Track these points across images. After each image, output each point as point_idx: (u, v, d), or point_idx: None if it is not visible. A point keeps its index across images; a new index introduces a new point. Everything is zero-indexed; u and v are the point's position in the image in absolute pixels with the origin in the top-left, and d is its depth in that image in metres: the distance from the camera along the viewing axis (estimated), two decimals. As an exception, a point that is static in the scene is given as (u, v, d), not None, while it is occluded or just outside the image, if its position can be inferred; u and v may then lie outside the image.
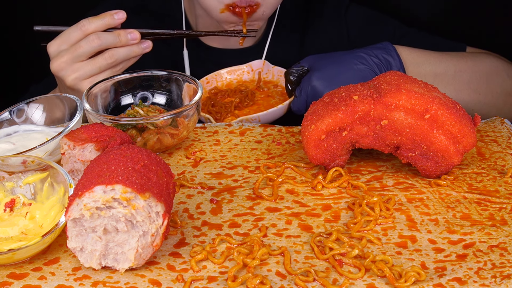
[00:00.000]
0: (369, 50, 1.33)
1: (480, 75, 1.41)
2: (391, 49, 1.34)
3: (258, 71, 1.53)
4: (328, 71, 1.30)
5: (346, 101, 1.06)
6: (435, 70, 1.39)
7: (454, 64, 1.40)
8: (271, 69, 1.52)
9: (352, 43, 1.65)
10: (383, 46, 1.34)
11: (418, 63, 1.37)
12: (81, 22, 1.29)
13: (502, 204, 1.02)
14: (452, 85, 1.38)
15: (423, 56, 1.39)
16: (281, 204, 1.04)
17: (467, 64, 1.42)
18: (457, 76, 1.40)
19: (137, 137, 1.17)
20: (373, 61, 1.31)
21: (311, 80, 1.30)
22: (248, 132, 1.27)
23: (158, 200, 0.87)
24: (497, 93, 1.43)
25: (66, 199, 0.96)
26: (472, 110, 1.39)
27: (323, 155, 1.08)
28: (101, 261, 0.90)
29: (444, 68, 1.39)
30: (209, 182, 1.11)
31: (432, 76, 1.38)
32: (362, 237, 0.95)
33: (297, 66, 1.35)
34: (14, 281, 0.89)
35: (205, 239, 0.97)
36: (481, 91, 1.41)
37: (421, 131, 1.03)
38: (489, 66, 1.44)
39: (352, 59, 1.31)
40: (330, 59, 1.33)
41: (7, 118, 1.23)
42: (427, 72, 1.38)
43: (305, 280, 0.87)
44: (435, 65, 1.39)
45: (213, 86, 1.51)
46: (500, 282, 0.85)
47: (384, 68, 1.32)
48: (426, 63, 1.38)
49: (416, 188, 1.06)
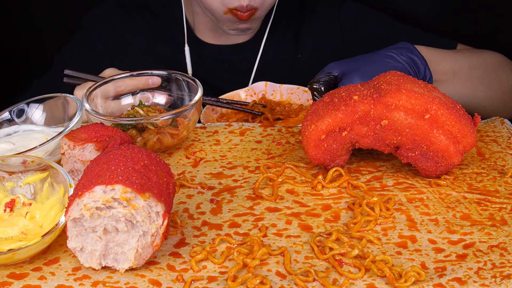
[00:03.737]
0: (393, 49, 1.28)
1: (490, 71, 1.42)
2: (413, 48, 1.30)
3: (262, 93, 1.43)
4: (367, 71, 1.23)
5: (346, 101, 1.06)
6: (453, 67, 1.38)
7: (468, 61, 1.41)
8: (278, 88, 1.42)
9: (345, 38, 1.65)
10: (404, 45, 1.30)
11: (437, 61, 1.36)
12: (118, 82, 1.29)
13: (502, 204, 1.02)
14: (469, 82, 1.39)
15: (439, 54, 1.38)
16: (281, 204, 1.04)
17: (478, 60, 1.42)
18: (472, 72, 1.40)
19: (137, 137, 1.17)
20: (402, 59, 1.27)
21: (354, 81, 1.22)
22: (248, 132, 1.27)
23: (158, 200, 0.87)
24: (505, 89, 1.44)
25: (66, 199, 0.96)
26: (485, 107, 1.40)
27: (323, 155, 1.08)
28: (101, 261, 0.90)
29: (460, 65, 1.39)
30: (209, 182, 1.11)
31: (451, 74, 1.37)
32: (362, 237, 0.95)
33: (322, 74, 1.26)
34: (14, 281, 0.89)
35: (205, 239, 0.97)
36: (492, 87, 1.42)
37: (421, 131, 1.03)
38: (495, 61, 1.45)
39: (383, 58, 1.26)
40: (360, 61, 1.27)
41: (7, 118, 1.23)
42: (447, 70, 1.37)
43: (305, 280, 0.87)
44: (452, 63, 1.39)
45: (219, 114, 1.42)
46: (500, 282, 0.85)
47: (413, 67, 1.27)
48: (444, 61, 1.38)
49: (416, 188, 1.06)
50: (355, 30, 1.65)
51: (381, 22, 1.64)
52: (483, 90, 1.40)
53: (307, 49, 1.67)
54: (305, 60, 1.66)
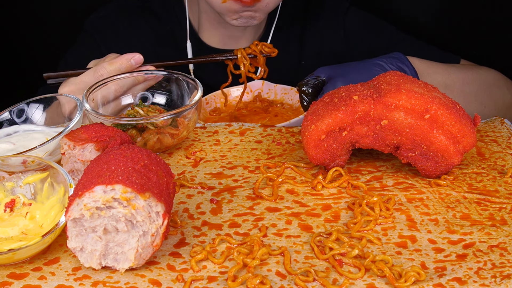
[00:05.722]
0: (384, 58, 1.31)
1: (484, 87, 1.42)
2: (404, 58, 1.32)
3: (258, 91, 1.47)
4: (351, 77, 1.25)
5: (346, 101, 1.06)
6: (446, 81, 1.39)
7: (462, 76, 1.41)
8: (273, 88, 1.46)
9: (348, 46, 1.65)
10: (396, 55, 1.32)
11: (429, 73, 1.38)
12: (98, 70, 1.26)
13: (502, 204, 1.02)
14: (461, 96, 1.39)
15: (432, 67, 1.39)
16: (281, 204, 1.04)
17: (473, 76, 1.43)
18: (465, 87, 1.41)
19: (137, 137, 1.17)
20: (390, 68, 1.29)
21: (337, 86, 1.23)
22: (248, 132, 1.27)
23: (158, 200, 0.87)
24: (499, 106, 1.44)
25: (66, 199, 0.96)
26: None
27: (323, 155, 1.08)
28: (101, 261, 0.90)
29: (453, 79, 1.40)
30: (209, 182, 1.11)
31: (443, 87, 1.38)
32: (362, 237, 0.95)
33: (311, 77, 1.29)
34: (14, 281, 0.89)
35: (205, 239, 0.97)
36: (485, 103, 1.42)
37: (421, 131, 1.03)
38: (491, 78, 1.45)
39: (371, 66, 1.28)
40: (348, 67, 1.30)
41: (7, 118, 1.23)
42: (439, 83, 1.38)
43: (305, 280, 0.87)
44: (445, 76, 1.40)
45: (212, 107, 1.46)
46: (500, 282, 0.85)
47: None
48: (437, 73, 1.39)
49: (416, 188, 1.06)
50: (359, 38, 1.65)
51: (385, 31, 1.64)
52: (476, 106, 1.40)
53: (311, 56, 1.66)
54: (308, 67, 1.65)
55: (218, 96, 1.47)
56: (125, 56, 1.29)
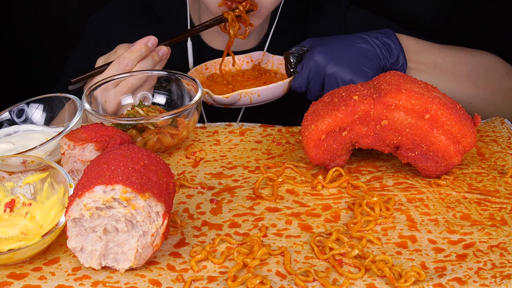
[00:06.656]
0: (370, 33, 1.35)
1: (479, 70, 1.42)
2: (391, 34, 1.35)
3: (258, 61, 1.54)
4: (331, 47, 1.30)
5: (346, 101, 1.06)
6: (435, 60, 1.39)
7: (454, 56, 1.41)
8: (271, 58, 1.53)
9: None
10: (384, 31, 1.36)
11: (418, 50, 1.38)
12: (122, 61, 1.28)
13: (502, 204, 1.02)
14: (452, 76, 1.39)
15: (422, 45, 1.40)
16: (281, 204, 1.04)
17: (467, 57, 1.42)
18: (457, 67, 1.40)
19: (137, 137, 1.17)
20: (374, 42, 1.32)
21: (313, 54, 1.30)
22: (248, 132, 1.27)
23: (158, 200, 0.87)
24: (495, 89, 1.43)
25: (66, 199, 0.96)
26: (471, 104, 1.40)
27: (323, 155, 1.08)
28: (101, 261, 0.90)
29: (443, 58, 1.40)
30: (209, 182, 1.11)
31: (431, 65, 1.38)
32: (362, 237, 0.95)
33: (297, 47, 1.36)
34: (14, 281, 0.89)
35: (205, 239, 0.97)
36: (480, 85, 1.41)
37: (421, 131, 1.03)
38: (488, 62, 1.45)
39: (354, 39, 1.32)
40: (331, 39, 1.35)
41: (7, 118, 1.23)
42: (427, 61, 1.38)
43: (305, 280, 0.87)
44: (435, 54, 1.40)
45: (211, 72, 1.52)
46: (500, 282, 0.85)
47: (385, 51, 1.32)
48: (426, 52, 1.39)
49: (416, 188, 1.06)
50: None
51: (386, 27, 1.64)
52: (468, 86, 1.40)
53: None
54: None
55: (218, 63, 1.52)
56: (141, 41, 1.30)
